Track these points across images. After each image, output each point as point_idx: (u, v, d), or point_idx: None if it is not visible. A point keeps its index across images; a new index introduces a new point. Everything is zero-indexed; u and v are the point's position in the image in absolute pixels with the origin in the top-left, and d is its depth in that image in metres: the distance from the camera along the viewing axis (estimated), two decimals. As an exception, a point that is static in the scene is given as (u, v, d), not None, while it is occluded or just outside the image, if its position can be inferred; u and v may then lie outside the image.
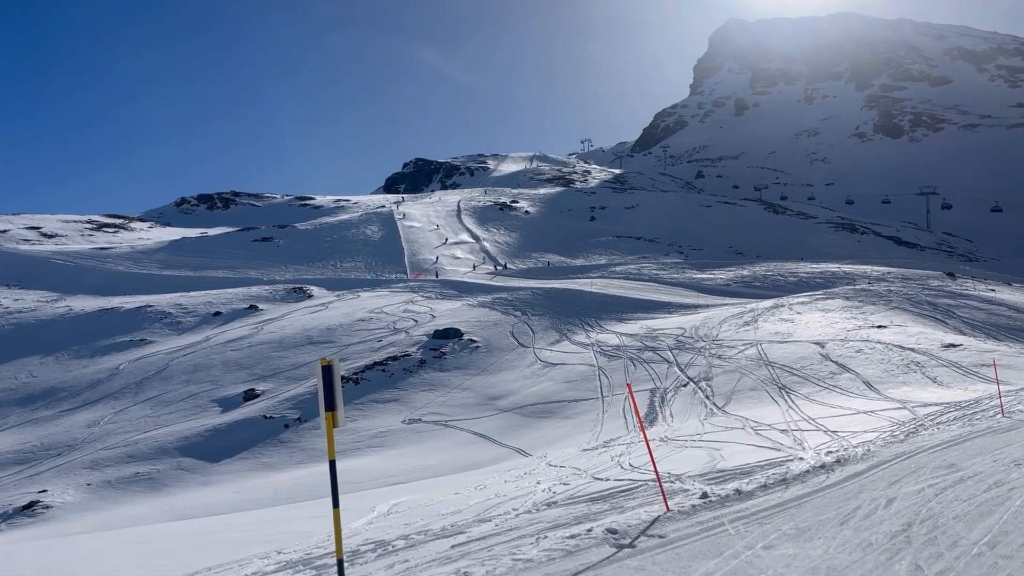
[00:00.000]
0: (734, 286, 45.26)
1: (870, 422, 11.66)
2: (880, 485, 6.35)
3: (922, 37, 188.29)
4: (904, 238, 75.63)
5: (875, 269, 47.73)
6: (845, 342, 22.88)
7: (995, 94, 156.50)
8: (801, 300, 34.18)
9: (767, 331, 27.40)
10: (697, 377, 22.88)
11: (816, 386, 18.31)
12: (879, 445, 8.31)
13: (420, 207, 78.92)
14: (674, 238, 71.45)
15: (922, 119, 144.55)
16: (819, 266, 49.48)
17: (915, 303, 32.82)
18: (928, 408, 12.85)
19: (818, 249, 64.45)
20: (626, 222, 79.02)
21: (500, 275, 52.18)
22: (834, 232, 74.49)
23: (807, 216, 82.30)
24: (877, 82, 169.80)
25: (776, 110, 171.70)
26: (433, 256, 58.86)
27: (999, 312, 33.44)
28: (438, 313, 37.94)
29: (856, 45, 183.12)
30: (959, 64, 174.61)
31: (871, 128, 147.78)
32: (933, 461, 6.87)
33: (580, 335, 34.03)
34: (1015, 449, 6.95)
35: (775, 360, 22.11)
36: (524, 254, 63.48)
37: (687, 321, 33.24)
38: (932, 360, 19.83)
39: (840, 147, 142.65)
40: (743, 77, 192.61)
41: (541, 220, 79.15)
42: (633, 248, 67.04)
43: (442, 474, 17.98)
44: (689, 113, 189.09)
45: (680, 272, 50.43)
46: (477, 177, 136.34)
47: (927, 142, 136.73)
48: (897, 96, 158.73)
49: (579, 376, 27.33)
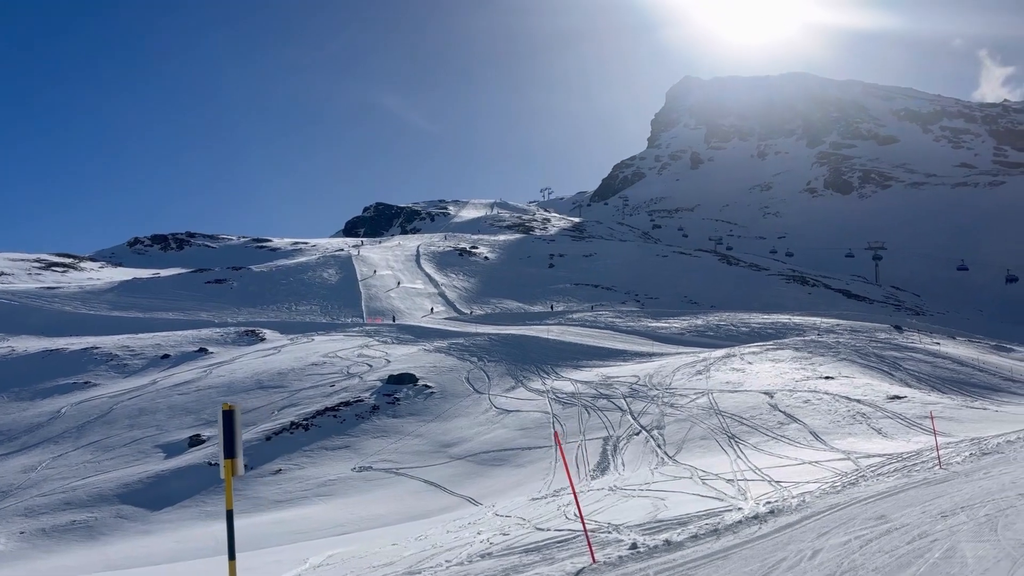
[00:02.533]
0: (688, 335, 45.79)
1: (814, 472, 11.81)
2: (809, 536, 6.40)
3: (871, 98, 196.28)
4: (853, 291, 77.57)
5: (824, 321, 48.79)
6: (793, 392, 23.24)
7: (940, 154, 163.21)
8: (752, 350, 34.71)
9: (719, 380, 27.69)
10: (650, 426, 22.95)
11: (764, 436, 18.51)
12: (815, 496, 8.41)
13: (379, 251, 78.75)
14: (631, 286, 72.29)
15: (871, 176, 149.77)
16: (770, 317, 50.39)
17: (862, 355, 33.53)
18: (871, 459, 13.06)
19: (770, 300, 65.72)
20: (584, 270, 79.84)
21: (460, 320, 52.09)
22: (785, 284, 76.13)
23: (759, 268, 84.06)
24: (828, 140, 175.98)
25: (730, 164, 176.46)
26: (392, 300, 58.57)
27: (943, 365, 34.30)
28: (393, 358, 37.61)
29: (808, 104, 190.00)
30: (906, 124, 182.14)
31: (822, 184, 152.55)
32: (865, 512, 6.96)
33: (536, 382, 33.98)
34: (944, 501, 7.08)
35: (725, 409, 22.33)
36: (482, 300, 63.56)
37: (642, 369, 33.45)
38: (877, 411, 20.22)
39: (792, 201, 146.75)
40: (699, 132, 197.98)
41: (500, 266, 79.55)
42: (590, 296, 67.61)
43: (390, 523, 17.63)
44: (647, 165, 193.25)
45: (636, 320, 50.89)
46: (438, 222, 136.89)
47: (875, 198, 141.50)
48: (847, 154, 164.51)
49: (533, 423, 27.20)
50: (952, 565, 5.25)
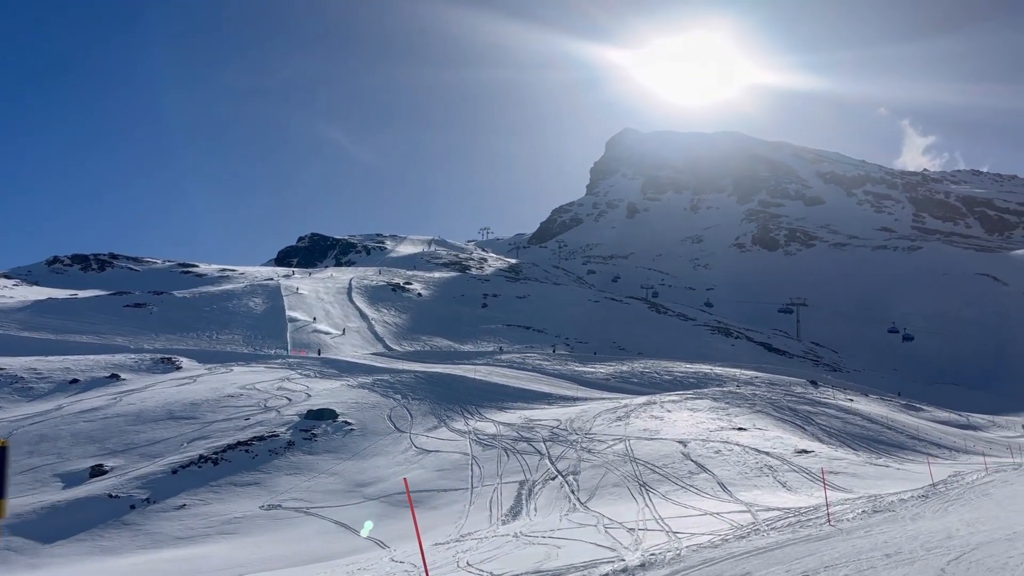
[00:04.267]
0: (613, 381, 46.29)
1: (712, 524, 12.01)
2: None
3: (799, 160, 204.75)
4: (774, 345, 79.89)
5: (744, 372, 50.03)
6: (707, 442, 23.67)
7: (862, 217, 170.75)
8: (672, 398, 35.28)
9: (637, 427, 28.02)
10: (566, 471, 23.00)
11: (675, 485, 18.75)
12: (693, 550, 8.56)
13: (310, 282, 77.57)
14: (561, 330, 72.86)
15: (796, 235, 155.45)
16: (693, 366, 51.41)
17: (777, 408, 34.42)
18: (769, 512, 13.37)
19: (695, 350, 67.10)
20: (517, 311, 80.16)
21: (387, 356, 51.49)
22: (711, 335, 77.92)
23: (687, 318, 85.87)
24: (757, 198, 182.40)
25: (665, 216, 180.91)
26: (318, 333, 57.57)
27: (854, 421, 35.45)
28: (314, 392, 36.88)
29: (740, 162, 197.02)
30: (831, 187, 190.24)
31: (750, 240, 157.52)
32: (732, 569, 7.10)
33: (459, 422, 33.75)
34: (812, 560, 7.28)
35: (640, 457, 22.57)
36: (413, 336, 63.06)
37: (564, 413, 33.60)
38: (784, 465, 20.75)
39: (721, 255, 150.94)
40: (636, 182, 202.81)
41: (433, 303, 79.22)
42: (521, 337, 67.85)
43: (294, 565, 17.13)
44: (585, 211, 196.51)
45: (564, 364, 51.23)
46: (374, 256, 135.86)
47: (800, 256, 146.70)
48: (774, 212, 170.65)
49: (452, 465, 26.94)
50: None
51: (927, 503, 14.14)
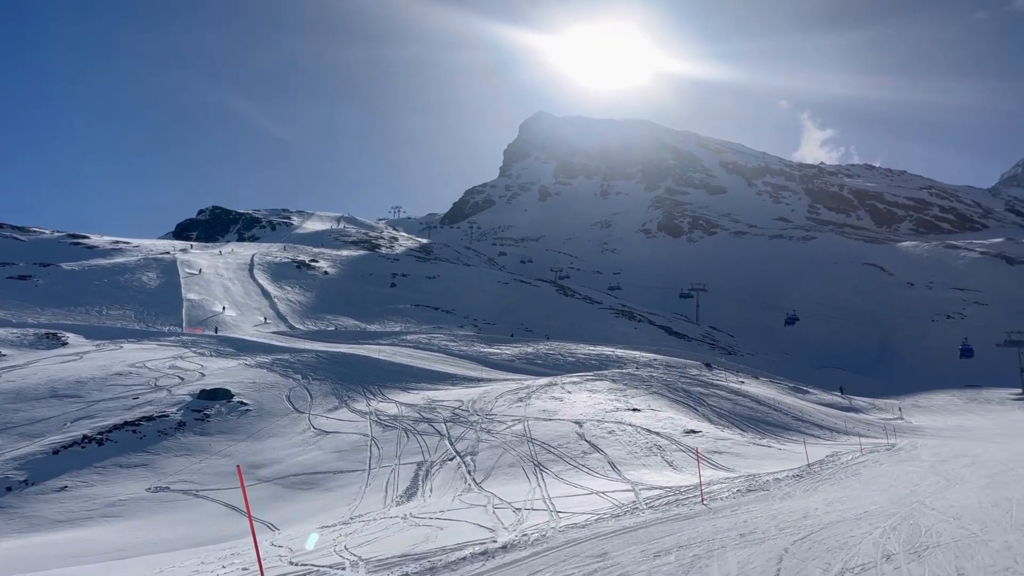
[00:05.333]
0: (518, 362, 46.76)
1: (596, 503, 12.35)
2: (520, 574, 6.62)
3: (704, 150, 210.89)
4: (675, 328, 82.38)
5: (644, 355, 51.41)
6: (602, 423, 24.25)
7: (761, 207, 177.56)
8: (573, 380, 35.93)
9: (537, 408, 28.42)
10: (464, 451, 23.13)
11: (568, 465, 19.15)
12: (558, 531, 8.79)
13: (209, 257, 74.85)
14: (470, 311, 72.95)
15: (699, 222, 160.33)
16: (596, 348, 52.47)
17: (672, 389, 35.56)
18: (652, 491, 13.84)
19: (599, 333, 68.49)
20: (426, 292, 79.73)
21: (289, 335, 50.33)
22: (615, 318, 79.65)
23: (593, 301, 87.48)
24: (663, 185, 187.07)
25: (575, 200, 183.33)
26: (215, 309, 55.72)
27: (743, 403, 36.97)
28: (209, 371, 35.75)
29: (648, 150, 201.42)
30: (733, 177, 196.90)
31: (655, 226, 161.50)
32: (592, 549, 7.32)
33: (361, 403, 33.41)
34: (671, 539, 7.59)
35: (537, 437, 22.93)
36: (317, 315, 61.85)
37: (467, 394, 33.73)
38: (673, 445, 21.49)
39: (628, 240, 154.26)
40: (549, 166, 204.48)
41: (340, 282, 77.85)
42: (430, 318, 67.55)
43: (176, 549, 16.61)
44: (497, 193, 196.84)
45: (470, 345, 51.36)
46: (279, 232, 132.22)
47: (702, 243, 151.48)
48: (679, 200, 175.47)
49: (351, 446, 26.68)
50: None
51: (800, 483, 14.94)
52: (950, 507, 9.15)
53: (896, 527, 7.57)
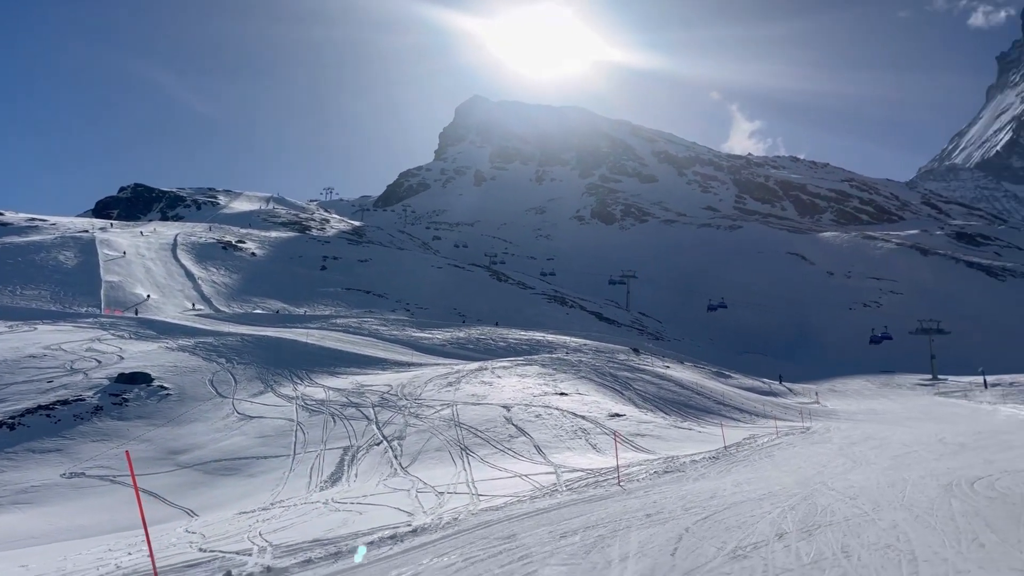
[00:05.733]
0: (449, 347, 46.75)
1: (518, 486, 12.53)
2: (424, 558, 6.68)
3: (637, 138, 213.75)
4: (605, 314, 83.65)
5: (574, 340, 52.06)
6: (529, 407, 24.53)
7: (691, 196, 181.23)
8: (503, 365, 36.17)
9: (466, 393, 28.53)
10: (391, 436, 23.08)
11: (494, 448, 19.33)
12: (471, 513, 8.93)
13: (130, 236, 72.23)
14: (403, 295, 72.50)
15: (631, 210, 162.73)
16: (527, 334, 52.88)
17: (600, 374, 36.16)
18: (574, 473, 14.11)
19: (532, 318, 69.00)
20: (358, 275, 78.82)
21: (213, 318, 49.07)
22: (547, 303, 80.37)
23: (526, 286, 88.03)
24: (598, 172, 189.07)
25: (511, 185, 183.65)
26: (136, 291, 53.88)
27: (668, 387, 37.87)
28: (128, 355, 34.63)
29: (583, 137, 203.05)
30: (664, 166, 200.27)
31: (589, 213, 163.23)
32: (501, 531, 7.45)
33: (287, 387, 32.92)
34: (579, 520, 7.79)
35: (465, 421, 23.05)
36: (243, 298, 60.48)
37: (397, 379, 33.61)
38: (597, 428, 21.91)
39: (562, 226, 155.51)
40: (484, 150, 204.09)
41: (268, 264, 76.29)
42: (361, 302, 66.87)
43: (90, 536, 16.13)
44: (432, 177, 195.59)
45: (401, 329, 51.07)
46: (205, 211, 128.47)
47: (634, 231, 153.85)
48: (613, 187, 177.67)
49: (276, 431, 26.29)
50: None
51: (715, 464, 15.45)
52: (849, 487, 9.63)
53: (795, 507, 7.94)
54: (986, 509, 7.07)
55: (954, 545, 5.55)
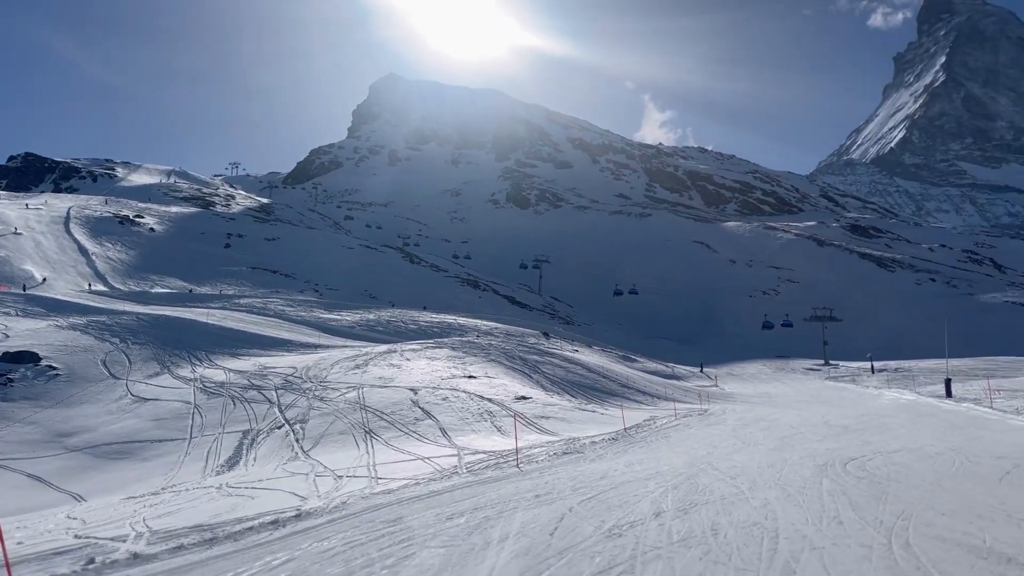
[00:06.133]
0: (358, 329, 46.18)
1: (419, 468, 12.56)
2: (304, 543, 6.56)
3: (553, 124, 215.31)
4: (518, 298, 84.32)
5: (486, 324, 52.31)
6: (437, 390, 24.54)
7: (604, 183, 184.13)
8: (413, 347, 36.02)
9: (373, 375, 28.29)
10: (294, 419, 22.67)
11: (399, 431, 19.27)
12: (362, 496, 8.93)
13: (17, 208, 68.01)
14: (312, 276, 71.06)
15: (546, 195, 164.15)
16: (439, 316, 52.79)
17: (509, 357, 36.47)
18: (476, 455, 14.24)
19: (444, 301, 68.86)
20: (264, 254, 76.75)
21: (107, 296, 46.84)
22: (460, 286, 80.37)
23: (439, 269, 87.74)
24: (513, 157, 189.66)
25: (426, 166, 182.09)
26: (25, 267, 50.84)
27: (575, 371, 38.55)
28: (14, 332, 32.74)
29: (500, 121, 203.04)
30: (579, 153, 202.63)
31: (504, 197, 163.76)
32: (389, 515, 7.46)
33: (185, 369, 31.83)
34: (469, 502, 7.88)
35: (371, 404, 22.86)
36: (141, 275, 57.98)
37: (302, 361, 33.00)
38: (503, 410, 22.13)
39: (477, 210, 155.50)
40: (399, 130, 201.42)
41: (168, 240, 73.33)
42: (267, 281, 65.16)
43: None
44: (345, 155, 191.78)
45: (308, 311, 50.09)
46: (101, 184, 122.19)
47: (548, 216, 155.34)
48: (528, 172, 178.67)
49: (172, 414, 25.41)
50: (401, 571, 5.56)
51: (613, 445, 15.88)
52: (732, 467, 10.08)
53: (678, 486, 8.27)
54: (853, 488, 7.55)
55: (816, 523, 5.91)
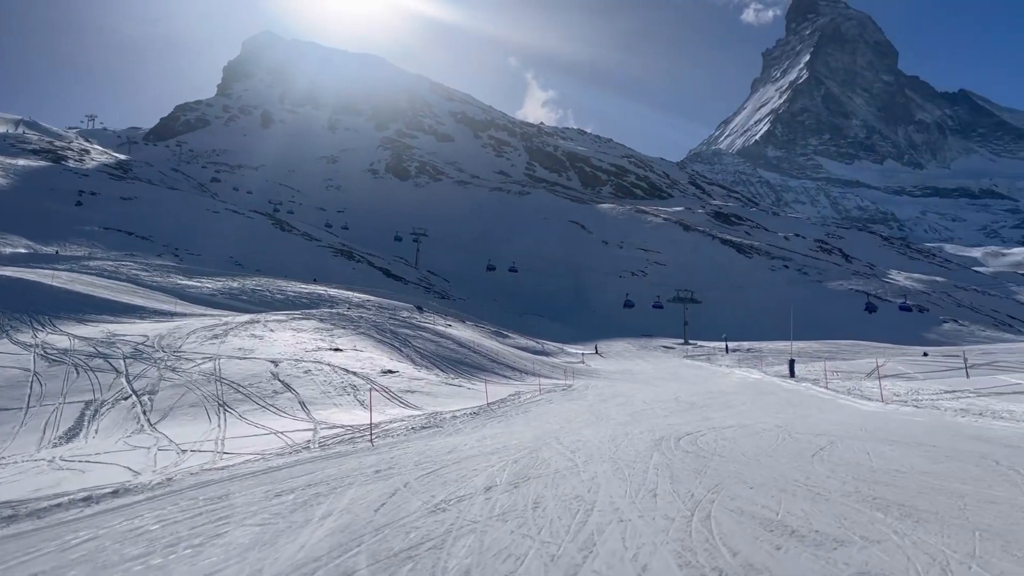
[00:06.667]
0: (220, 297, 44.31)
1: (271, 443, 12.23)
2: (115, 521, 6.11)
3: (435, 96, 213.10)
4: (393, 271, 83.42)
5: (358, 296, 51.46)
6: (299, 362, 23.95)
7: (485, 159, 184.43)
8: (278, 318, 34.94)
9: (233, 346, 27.27)
10: (142, 390, 21.52)
11: (255, 404, 18.68)
12: (191, 472, 8.65)
13: None
14: (172, 239, 67.49)
15: (426, 168, 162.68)
16: (309, 287, 51.45)
17: (380, 330, 36.07)
18: (333, 430, 14.02)
19: (316, 271, 67.16)
20: (120, 214, 72.14)
21: None
22: (333, 257, 78.58)
23: (312, 238, 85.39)
24: (393, 127, 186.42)
25: (301, 131, 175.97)
26: None
27: (446, 345, 38.67)
28: None
29: (381, 88, 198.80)
30: (461, 127, 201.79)
31: (383, 167, 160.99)
32: (216, 491, 7.22)
33: (25, 334, 29.49)
34: (305, 479, 7.70)
35: (227, 376, 22.04)
36: (-23, 233, 53.12)
37: (155, 329, 31.34)
38: (368, 384, 21.89)
39: (354, 178, 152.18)
40: (274, 91, 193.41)
41: (13, 196, 67.60)
42: (122, 243, 61.32)
43: None
44: (214, 113, 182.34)
45: (165, 276, 47.54)
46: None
47: (428, 189, 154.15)
48: (408, 143, 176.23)
49: (7, 382, 23.47)
50: (195, 558, 5.18)
51: (474, 420, 16.06)
52: (576, 442, 10.41)
53: (518, 460, 8.45)
54: (679, 462, 7.96)
55: (632, 496, 6.18)
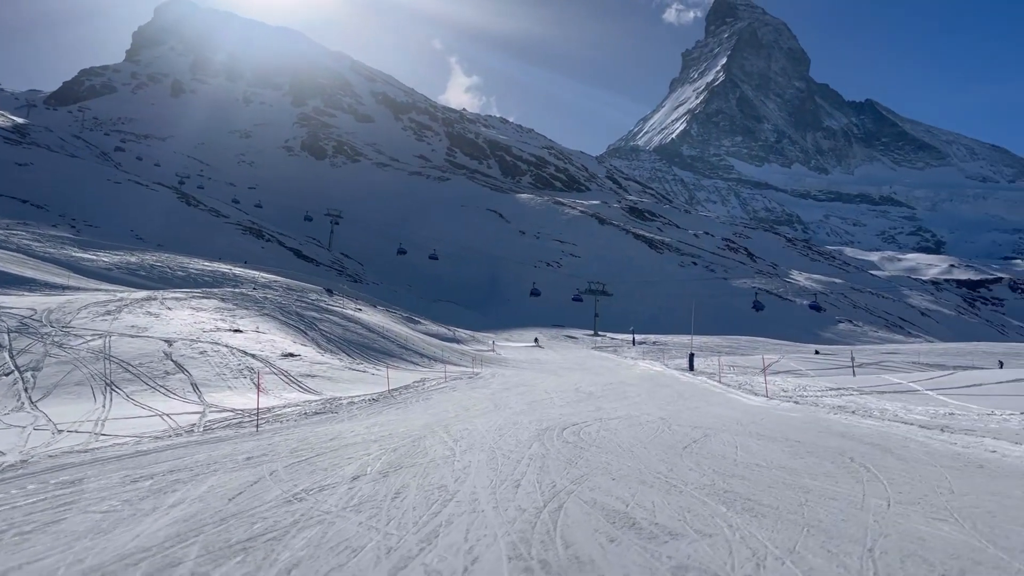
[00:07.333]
0: (117, 272, 42.50)
1: (155, 425, 11.89)
2: None
3: (356, 75, 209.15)
4: (305, 252, 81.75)
5: (265, 276, 50.24)
6: (195, 343, 23.27)
7: (405, 142, 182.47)
8: (177, 296, 33.78)
9: (126, 323, 26.25)
10: (25, 366, 20.49)
11: (144, 385, 18.08)
12: (49, 455, 8.35)
13: None
14: (68, 209, 64.24)
15: (344, 148, 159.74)
16: (212, 265, 49.93)
17: (285, 312, 35.36)
18: (222, 414, 13.72)
19: (223, 248, 65.15)
20: (14, 180, 68.13)
21: None
22: (241, 235, 76.41)
23: (220, 214, 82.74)
24: (311, 104, 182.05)
25: (213, 102, 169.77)
26: None
27: (354, 330, 38.25)
28: None
29: (299, 64, 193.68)
30: (382, 108, 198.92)
31: (299, 145, 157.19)
32: (71, 475, 6.85)
33: None
34: (168, 464, 7.44)
35: (117, 354, 21.22)
36: None
37: (44, 302, 29.84)
38: (266, 367, 21.47)
39: (268, 155, 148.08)
40: (186, 59, 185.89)
41: None
42: (14, 211, 57.99)
43: None
44: (121, 80, 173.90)
45: (59, 247, 45.25)
46: None
47: (345, 169, 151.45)
48: (327, 122, 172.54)
49: None
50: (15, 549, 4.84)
51: (371, 406, 15.99)
52: (464, 430, 10.52)
53: (398, 448, 8.49)
54: (555, 452, 8.16)
55: (496, 487, 6.28)
